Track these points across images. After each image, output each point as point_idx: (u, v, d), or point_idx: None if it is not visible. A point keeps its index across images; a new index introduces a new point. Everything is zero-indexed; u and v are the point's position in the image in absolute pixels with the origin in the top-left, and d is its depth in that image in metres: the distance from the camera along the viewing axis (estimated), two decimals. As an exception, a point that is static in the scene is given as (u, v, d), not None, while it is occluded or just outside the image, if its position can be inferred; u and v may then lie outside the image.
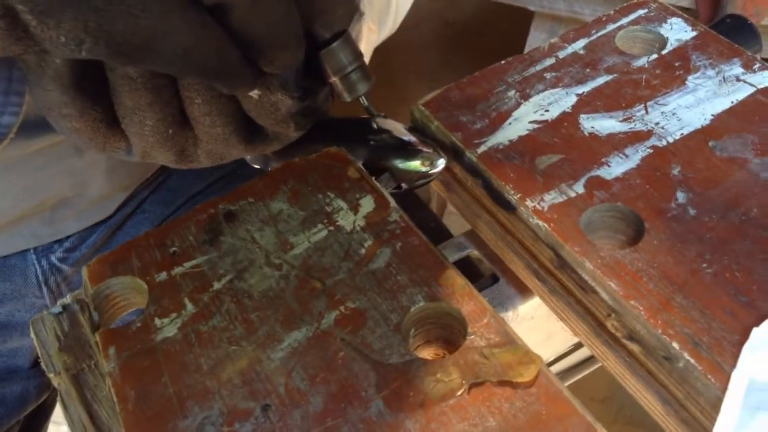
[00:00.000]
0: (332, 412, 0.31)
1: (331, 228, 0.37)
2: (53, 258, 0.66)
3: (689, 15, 1.16)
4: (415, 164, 0.42)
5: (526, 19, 1.47)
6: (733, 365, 0.30)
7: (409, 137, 0.43)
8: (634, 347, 0.33)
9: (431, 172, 0.41)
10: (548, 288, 0.38)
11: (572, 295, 0.36)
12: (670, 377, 0.32)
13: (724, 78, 0.43)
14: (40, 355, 0.35)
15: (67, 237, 0.66)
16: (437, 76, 2.34)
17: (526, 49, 1.43)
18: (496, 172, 0.39)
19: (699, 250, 0.34)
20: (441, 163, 0.41)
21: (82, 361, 0.35)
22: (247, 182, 0.40)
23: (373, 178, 0.41)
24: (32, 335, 0.36)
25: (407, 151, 0.42)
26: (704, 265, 0.34)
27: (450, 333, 0.34)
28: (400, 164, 0.42)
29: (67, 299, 0.37)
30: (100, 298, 0.36)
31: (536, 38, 1.39)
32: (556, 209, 0.37)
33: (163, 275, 0.36)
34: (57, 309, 0.37)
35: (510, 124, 0.42)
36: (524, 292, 0.41)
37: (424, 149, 0.42)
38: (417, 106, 0.44)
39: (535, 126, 0.41)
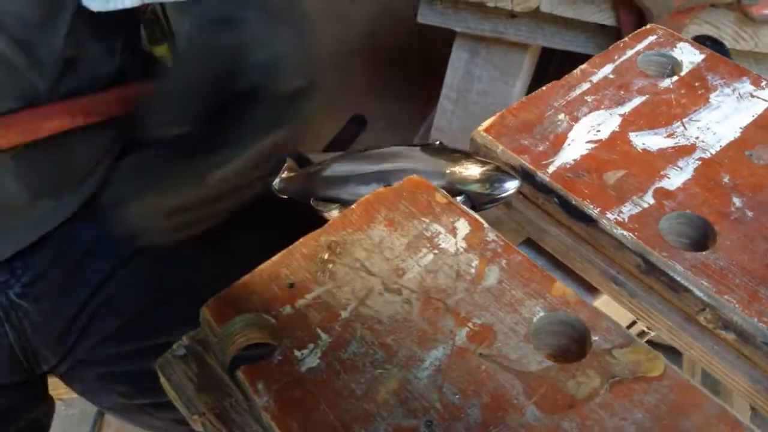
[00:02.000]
0: (492, 421, 0.33)
1: (436, 251, 0.40)
2: (11, 294, 0.64)
3: (611, 33, 1.23)
4: (474, 187, 0.45)
5: (440, 38, 1.51)
6: (821, 344, 0.35)
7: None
8: (728, 336, 0.38)
9: (502, 195, 0.45)
10: (627, 291, 0.42)
11: (658, 295, 0.40)
12: (765, 359, 0.37)
13: (740, 95, 0.49)
14: (176, 398, 0.36)
15: (24, 271, 0.64)
16: (335, 96, 2.37)
17: (449, 67, 1.48)
18: (571, 190, 0.43)
19: (766, 246, 0.39)
20: (514, 185, 0.44)
21: (222, 400, 0.35)
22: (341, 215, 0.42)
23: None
24: (162, 380, 0.36)
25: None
26: (776, 259, 0.39)
27: (569, 338, 0.37)
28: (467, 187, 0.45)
29: (185, 340, 0.38)
30: (224, 336, 0.37)
31: (459, 57, 1.45)
32: (635, 219, 0.41)
33: (288, 308, 0.37)
34: (180, 351, 0.37)
35: (569, 145, 0.46)
36: (590, 294, 0.45)
37: (482, 171, 0.45)
38: (479, 132, 0.47)
39: (592, 145, 0.45)
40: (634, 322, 0.49)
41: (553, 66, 1.53)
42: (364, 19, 2.29)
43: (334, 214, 0.47)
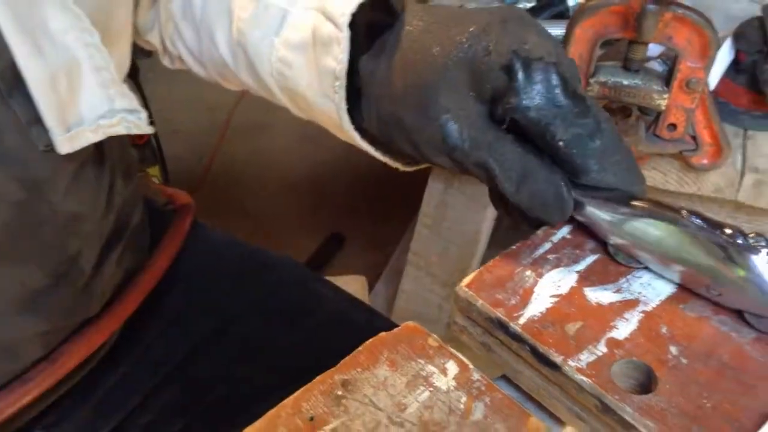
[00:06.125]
0: None
1: (431, 389, 0.48)
2: None
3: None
4: None
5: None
6: (742, 473, 0.44)
7: None
8: (669, 466, 0.46)
9: None
10: (590, 426, 0.50)
11: (613, 431, 0.49)
12: (699, 485, 0.45)
13: (673, 257, 0.59)
14: None
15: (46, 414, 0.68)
16: (313, 215, 2.49)
17: (425, 195, 1.60)
18: (539, 340, 0.52)
19: (698, 390, 0.49)
20: None
21: None
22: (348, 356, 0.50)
23: None
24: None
25: None
26: (704, 401, 0.48)
27: (543, 467, 0.45)
28: None
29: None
30: (256, 462, 0.44)
31: (434, 187, 1.58)
32: (592, 366, 0.50)
33: (310, 439, 0.45)
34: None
35: (536, 299, 0.55)
36: (559, 423, 0.53)
37: None
38: (461, 288, 0.56)
39: (555, 299, 0.55)
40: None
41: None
42: (340, 143, 2.44)
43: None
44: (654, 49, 1.30)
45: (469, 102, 0.55)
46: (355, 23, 0.59)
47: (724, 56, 1.25)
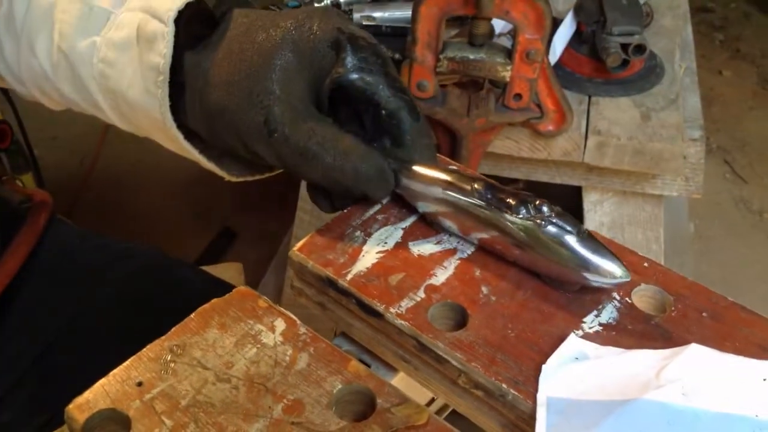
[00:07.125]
0: (300, 471, 0.44)
1: (259, 346, 0.51)
2: None
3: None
4: None
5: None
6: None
7: None
8: (479, 393, 0.51)
9: None
10: (412, 366, 0.54)
11: (431, 367, 0.53)
12: (504, 407, 0.50)
13: (492, 209, 0.64)
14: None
15: None
16: (204, 210, 2.47)
17: (302, 182, 1.61)
18: (364, 293, 0.55)
19: (503, 322, 0.53)
20: None
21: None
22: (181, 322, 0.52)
23: None
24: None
25: None
26: (509, 331, 0.53)
27: (363, 404, 0.48)
28: None
29: (51, 437, 0.46)
30: (87, 430, 0.46)
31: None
32: (410, 311, 0.54)
33: (137, 402, 0.47)
34: (48, 446, 0.45)
35: (363, 256, 0.59)
36: (392, 371, 0.57)
37: None
38: (294, 252, 0.59)
39: (381, 255, 0.59)
40: (433, 400, 0.61)
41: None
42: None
43: None
44: (507, 25, 1.37)
45: (295, 85, 0.58)
46: (179, 26, 0.61)
47: (566, 28, 1.33)
